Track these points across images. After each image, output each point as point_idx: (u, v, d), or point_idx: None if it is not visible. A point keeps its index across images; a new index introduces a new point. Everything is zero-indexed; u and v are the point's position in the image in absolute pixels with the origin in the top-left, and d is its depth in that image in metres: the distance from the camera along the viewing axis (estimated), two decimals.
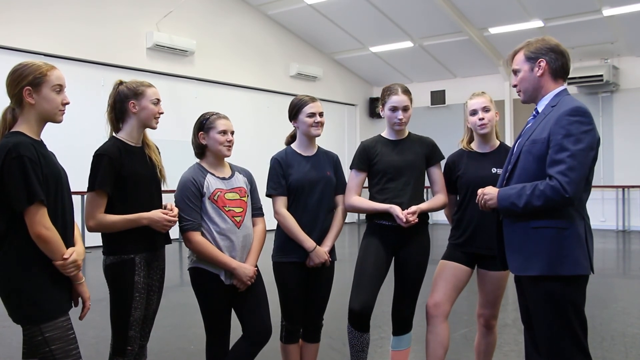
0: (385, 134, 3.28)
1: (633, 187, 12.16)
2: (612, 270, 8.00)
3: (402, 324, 3.20)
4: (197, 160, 3.00)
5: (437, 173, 3.25)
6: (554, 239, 2.30)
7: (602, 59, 12.23)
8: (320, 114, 3.16)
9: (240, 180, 3.01)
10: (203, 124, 2.93)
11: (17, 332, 2.45)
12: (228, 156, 2.97)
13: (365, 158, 3.20)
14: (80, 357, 2.25)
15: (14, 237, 2.20)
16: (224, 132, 2.91)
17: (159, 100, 2.76)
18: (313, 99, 3.18)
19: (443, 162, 3.30)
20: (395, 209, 3.03)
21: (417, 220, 3.04)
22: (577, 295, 2.32)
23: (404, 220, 3.00)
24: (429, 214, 3.20)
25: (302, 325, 3.17)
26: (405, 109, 3.15)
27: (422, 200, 3.18)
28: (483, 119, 3.11)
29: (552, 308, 2.30)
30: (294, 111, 3.16)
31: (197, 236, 2.82)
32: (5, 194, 2.16)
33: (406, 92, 3.19)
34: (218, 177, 2.93)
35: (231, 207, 2.90)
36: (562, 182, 2.21)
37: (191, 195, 2.84)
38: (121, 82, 2.77)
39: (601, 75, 11.73)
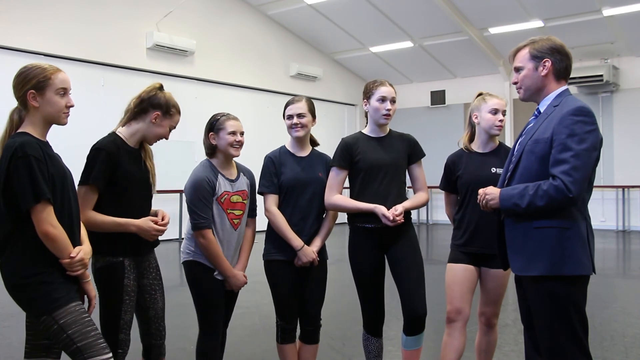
0: (367, 130, 3.22)
1: (633, 187, 12.16)
2: (612, 270, 7.99)
3: (417, 323, 3.05)
4: (196, 157, 3.04)
5: (418, 170, 3.23)
6: (557, 238, 2.29)
7: (602, 59, 12.23)
8: (298, 116, 3.12)
9: (243, 183, 3.07)
10: (213, 125, 2.99)
11: (17, 331, 2.46)
12: (237, 156, 3.03)
13: (348, 155, 3.12)
14: (101, 337, 2.26)
15: (21, 236, 2.23)
16: (233, 133, 2.97)
17: (175, 127, 2.79)
18: (299, 99, 3.18)
19: (424, 160, 3.26)
20: (381, 209, 2.97)
21: (403, 220, 3.01)
22: (578, 295, 2.32)
23: (391, 219, 2.96)
24: (430, 215, 3.19)
25: (301, 325, 3.16)
26: (393, 100, 3.14)
27: (405, 198, 3.15)
28: (502, 120, 3.13)
29: (553, 308, 2.29)
30: (283, 112, 3.20)
31: (210, 234, 2.90)
32: (12, 193, 2.19)
33: (392, 86, 3.21)
34: (227, 179, 2.99)
35: (233, 209, 2.97)
36: (566, 182, 2.20)
37: (207, 194, 2.91)
38: (161, 87, 2.76)
39: (601, 75, 11.74)
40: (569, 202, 2.24)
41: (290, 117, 3.13)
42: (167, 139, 2.80)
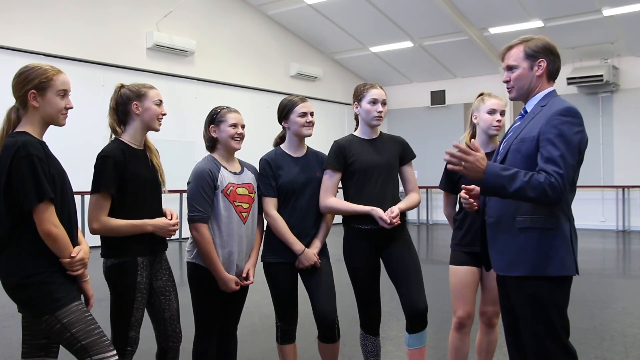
0: (358, 132, 3.23)
1: (633, 187, 12.15)
2: (612, 270, 7.99)
3: (419, 319, 3.02)
4: (208, 153, 3.04)
5: (410, 172, 3.25)
6: (541, 239, 2.28)
7: (602, 59, 12.22)
8: (311, 114, 3.15)
9: (248, 177, 3.05)
10: (214, 117, 2.98)
11: (17, 331, 2.46)
12: (238, 149, 3.01)
13: (342, 157, 3.12)
14: (105, 335, 2.26)
15: (21, 236, 2.23)
16: (235, 125, 2.95)
17: (161, 101, 2.78)
18: (303, 99, 3.18)
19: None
20: (378, 211, 2.98)
21: (400, 222, 3.02)
22: (561, 296, 2.31)
23: (388, 222, 2.96)
24: (430, 215, 3.19)
25: (317, 325, 3.10)
26: (383, 102, 3.16)
27: (399, 200, 3.16)
28: (500, 121, 3.13)
29: (536, 308, 2.28)
30: (285, 112, 3.15)
31: (204, 229, 2.85)
32: (14, 192, 2.19)
33: (382, 88, 3.23)
34: (230, 172, 2.97)
35: (240, 202, 2.94)
36: (560, 182, 2.19)
37: (206, 186, 2.87)
38: (123, 85, 2.78)
39: (601, 75, 11.73)
40: (556, 202, 2.22)
41: (304, 114, 3.11)
42: (164, 114, 2.78)
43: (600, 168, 12.27)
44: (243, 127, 3.00)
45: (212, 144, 3.01)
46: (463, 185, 2.62)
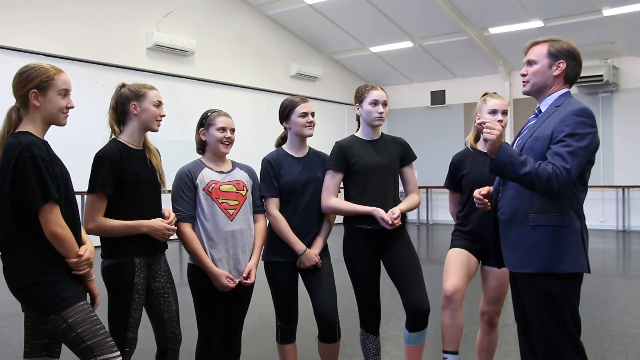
0: (359, 133, 3.24)
1: (633, 187, 12.16)
2: (612, 270, 8.00)
3: (421, 318, 3.02)
4: (199, 156, 3.04)
5: (410, 173, 3.27)
6: (553, 237, 2.30)
7: (602, 59, 12.23)
8: (312, 114, 3.16)
9: (239, 175, 3.02)
10: (204, 121, 2.98)
11: (17, 332, 2.46)
12: (225, 153, 3.00)
13: (343, 158, 3.13)
14: (109, 336, 2.27)
15: (27, 236, 2.23)
16: (223, 129, 2.94)
17: (160, 102, 2.77)
18: (304, 100, 3.19)
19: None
20: (380, 212, 2.99)
21: (401, 223, 3.03)
22: (573, 293, 2.34)
23: (390, 223, 2.98)
24: (430, 215, 3.19)
25: (317, 324, 3.09)
26: (384, 104, 3.16)
27: (399, 200, 3.17)
28: (502, 121, 3.13)
29: (548, 306, 2.30)
30: (286, 112, 3.16)
31: (186, 227, 2.85)
32: (19, 193, 2.19)
33: (383, 89, 3.23)
34: (216, 171, 2.96)
35: (225, 199, 2.91)
36: (564, 176, 2.21)
37: (184, 186, 2.88)
38: (124, 85, 2.77)
39: (601, 75, 11.74)
40: (557, 196, 2.25)
41: (305, 115, 3.12)
42: (163, 115, 2.78)
43: (600, 168, 12.26)
44: (232, 131, 2.98)
45: (201, 146, 3.02)
46: (477, 190, 2.66)
